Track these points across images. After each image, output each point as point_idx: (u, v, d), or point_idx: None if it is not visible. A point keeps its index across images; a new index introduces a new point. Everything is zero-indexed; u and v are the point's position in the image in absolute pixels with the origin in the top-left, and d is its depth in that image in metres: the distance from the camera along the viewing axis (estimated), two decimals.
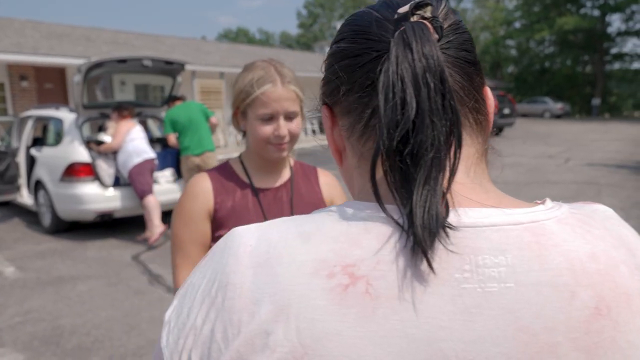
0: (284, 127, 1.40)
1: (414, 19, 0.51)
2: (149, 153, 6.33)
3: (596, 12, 42.37)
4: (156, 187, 6.54)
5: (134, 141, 6.29)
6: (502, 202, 0.53)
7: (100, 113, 6.79)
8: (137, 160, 6.20)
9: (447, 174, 0.49)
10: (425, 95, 0.48)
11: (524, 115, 34.11)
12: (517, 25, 44.74)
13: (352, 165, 0.60)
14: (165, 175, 6.88)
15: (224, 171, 1.51)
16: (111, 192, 6.34)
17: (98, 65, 6.10)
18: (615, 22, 68.39)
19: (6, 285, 4.92)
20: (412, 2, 0.52)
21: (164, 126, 6.57)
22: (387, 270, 0.47)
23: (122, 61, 6.26)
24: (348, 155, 0.60)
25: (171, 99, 6.76)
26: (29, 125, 7.66)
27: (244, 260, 0.50)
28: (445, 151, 0.48)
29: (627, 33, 43.79)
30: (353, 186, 0.62)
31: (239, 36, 65.73)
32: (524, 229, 0.49)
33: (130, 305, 4.42)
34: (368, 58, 0.54)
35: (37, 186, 6.95)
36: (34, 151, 7.37)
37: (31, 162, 7.50)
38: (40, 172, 6.76)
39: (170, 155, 7.03)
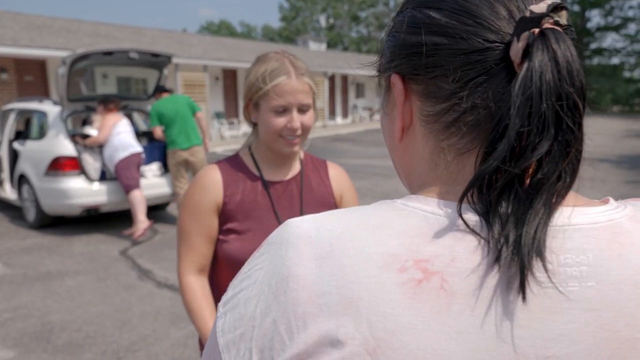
0: (297, 120, 1.38)
1: (548, 22, 0.47)
2: (136, 147, 6.26)
3: (576, 8, 42.83)
4: (143, 181, 6.47)
5: (120, 135, 6.21)
6: (577, 202, 0.52)
7: (85, 106, 6.69)
8: (123, 154, 6.13)
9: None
10: (570, 121, 0.45)
11: None
12: None
13: (419, 152, 0.57)
14: (152, 169, 6.80)
15: (234, 163, 1.50)
16: (97, 186, 6.26)
17: (83, 57, 6.00)
18: (595, 17, 69.14)
19: None
20: (549, 3, 0.47)
21: (150, 119, 6.48)
22: (463, 268, 0.46)
23: (108, 53, 6.16)
24: (416, 138, 0.57)
25: (158, 91, 6.68)
26: (11, 119, 7.52)
27: (305, 252, 0.49)
28: (570, 180, 0.47)
29: (607, 28, 44.41)
30: (409, 171, 0.60)
31: (221, 29, 65.22)
32: (603, 228, 0.49)
33: (120, 301, 4.37)
34: (476, 46, 0.49)
35: (20, 180, 6.83)
36: (16, 145, 7.23)
37: (14, 156, 7.37)
38: (24, 166, 6.64)
39: (157, 149, 6.95)
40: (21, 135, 7.67)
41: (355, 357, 0.44)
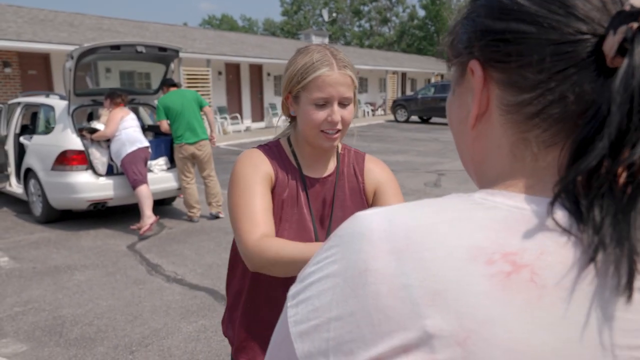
0: (337, 113, 1.35)
1: None
2: (143, 142, 6.25)
3: None
4: (150, 176, 6.47)
5: (127, 129, 6.20)
6: None
7: (92, 100, 6.68)
8: (130, 148, 6.12)
9: None
10: None
11: None
12: None
13: (496, 141, 0.56)
14: (158, 164, 6.80)
15: (275, 150, 1.48)
16: (104, 180, 6.26)
17: (91, 51, 5.98)
18: None
19: (2, 275, 4.84)
20: None
21: (157, 112, 6.47)
22: (553, 261, 0.46)
23: (116, 47, 6.14)
24: (492, 127, 0.56)
25: (165, 85, 6.67)
26: (17, 113, 7.51)
27: (382, 245, 0.49)
28: None
29: None
30: (480, 160, 0.59)
31: (223, 23, 65.06)
32: None
33: (130, 295, 4.38)
34: (567, 37, 0.48)
35: (27, 175, 6.83)
36: (23, 139, 7.23)
37: (20, 150, 7.37)
38: (30, 161, 6.63)
39: (164, 144, 6.95)
40: (27, 129, 7.67)
41: (444, 348, 0.44)
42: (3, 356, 3.40)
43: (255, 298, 1.47)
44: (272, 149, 1.48)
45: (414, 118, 23.94)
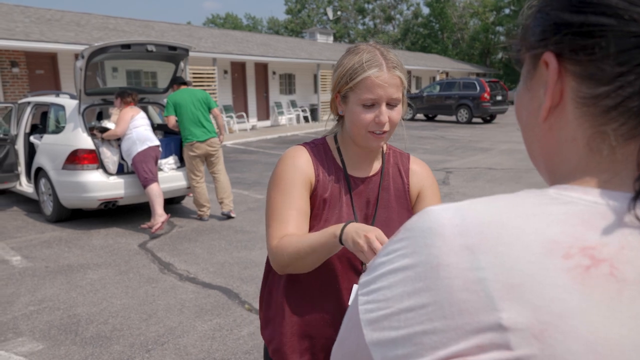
0: (385, 114, 1.34)
1: None
2: (153, 140, 6.26)
3: None
4: (160, 175, 6.48)
5: (137, 128, 6.21)
6: None
7: (102, 99, 6.69)
8: (141, 147, 6.13)
9: None
10: None
11: (513, 102, 34.24)
12: (507, 11, 44.77)
13: (569, 135, 0.56)
14: (168, 163, 6.81)
15: (320, 148, 1.48)
16: (115, 179, 6.27)
17: (101, 50, 5.98)
18: None
19: (15, 274, 4.86)
20: None
21: (166, 107, 6.47)
22: (634, 257, 0.46)
23: (126, 46, 6.14)
24: (566, 120, 0.56)
25: (175, 84, 6.67)
26: (27, 112, 7.53)
27: (455, 240, 0.49)
28: None
29: None
30: (552, 153, 0.59)
31: (227, 22, 65.07)
32: None
33: (144, 294, 4.38)
34: None
35: (37, 174, 6.85)
36: (33, 138, 7.25)
37: (30, 149, 7.39)
38: (41, 160, 6.65)
39: (174, 143, 6.95)
40: (37, 128, 7.69)
41: (521, 341, 0.45)
42: (20, 355, 3.41)
43: (292, 296, 1.48)
44: (317, 147, 1.48)
45: (419, 116, 23.90)
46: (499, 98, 21.06)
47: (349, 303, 1.20)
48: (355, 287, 1.28)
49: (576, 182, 0.54)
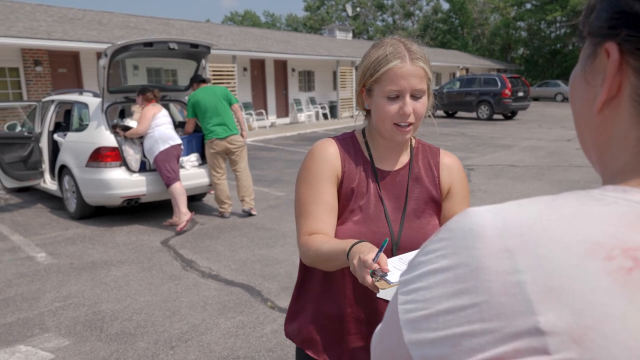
0: (409, 105, 1.35)
1: None
2: (175, 139, 6.28)
3: None
4: (182, 172, 6.51)
5: (159, 127, 6.23)
6: None
7: (124, 97, 6.74)
8: (163, 146, 6.15)
9: None
10: None
11: (536, 98, 33.81)
12: (528, 6, 44.17)
13: (622, 132, 0.53)
14: (190, 160, 6.85)
15: (349, 142, 1.50)
16: (137, 176, 6.32)
17: (124, 48, 6.03)
18: None
19: (41, 271, 4.92)
20: None
21: (187, 109, 6.53)
22: None
23: (149, 44, 6.18)
24: (620, 116, 0.53)
25: (195, 82, 6.69)
26: (51, 110, 7.62)
27: (495, 242, 0.49)
28: None
29: None
30: (604, 148, 0.57)
31: (245, 19, 65.27)
32: None
33: (167, 291, 4.41)
34: None
35: (61, 171, 6.93)
36: (57, 136, 7.34)
37: (54, 147, 7.48)
38: (65, 157, 6.73)
39: (195, 140, 6.99)
40: (60, 126, 7.78)
41: (559, 345, 0.44)
42: (47, 350, 3.44)
43: (325, 292, 1.48)
44: (345, 140, 1.50)
45: (439, 112, 23.72)
46: (520, 94, 20.79)
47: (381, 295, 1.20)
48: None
49: (623, 183, 0.52)
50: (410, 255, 1.25)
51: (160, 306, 4.10)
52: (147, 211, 7.19)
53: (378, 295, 1.17)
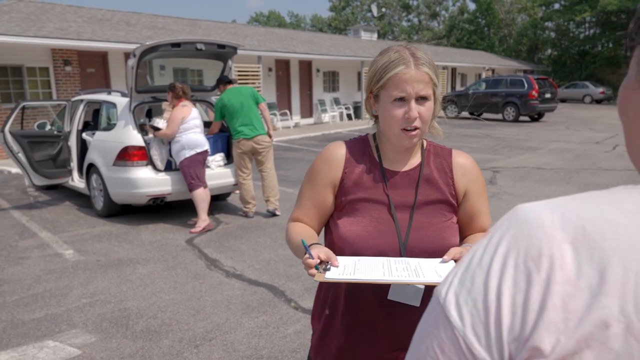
0: (415, 110, 1.39)
1: None
2: (203, 145, 6.25)
3: None
4: (207, 172, 6.55)
5: (187, 133, 6.17)
6: None
7: (152, 97, 6.81)
8: (189, 153, 6.16)
9: None
10: None
11: (563, 100, 33.24)
12: (557, 6, 43.46)
13: None
14: (215, 160, 6.89)
15: (360, 144, 1.55)
16: (163, 176, 6.39)
17: (153, 49, 6.09)
18: None
19: (68, 267, 5.00)
20: None
21: (215, 112, 6.58)
22: None
23: (176, 45, 6.23)
24: None
25: (222, 83, 6.72)
26: (80, 110, 7.75)
27: (557, 234, 0.49)
28: None
29: None
30: None
31: (270, 20, 65.56)
32: None
33: (192, 289, 4.44)
34: None
35: (89, 170, 7.04)
36: (85, 135, 7.46)
37: (82, 146, 7.60)
38: (93, 156, 6.83)
39: (221, 140, 7.04)
40: (88, 125, 7.91)
41: (619, 339, 0.44)
42: (74, 346, 3.50)
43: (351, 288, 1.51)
44: (356, 143, 1.55)
45: (464, 114, 23.50)
46: (547, 96, 20.46)
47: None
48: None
49: None
50: (351, 260, 1.36)
51: (185, 305, 4.14)
52: (173, 210, 7.27)
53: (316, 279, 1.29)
